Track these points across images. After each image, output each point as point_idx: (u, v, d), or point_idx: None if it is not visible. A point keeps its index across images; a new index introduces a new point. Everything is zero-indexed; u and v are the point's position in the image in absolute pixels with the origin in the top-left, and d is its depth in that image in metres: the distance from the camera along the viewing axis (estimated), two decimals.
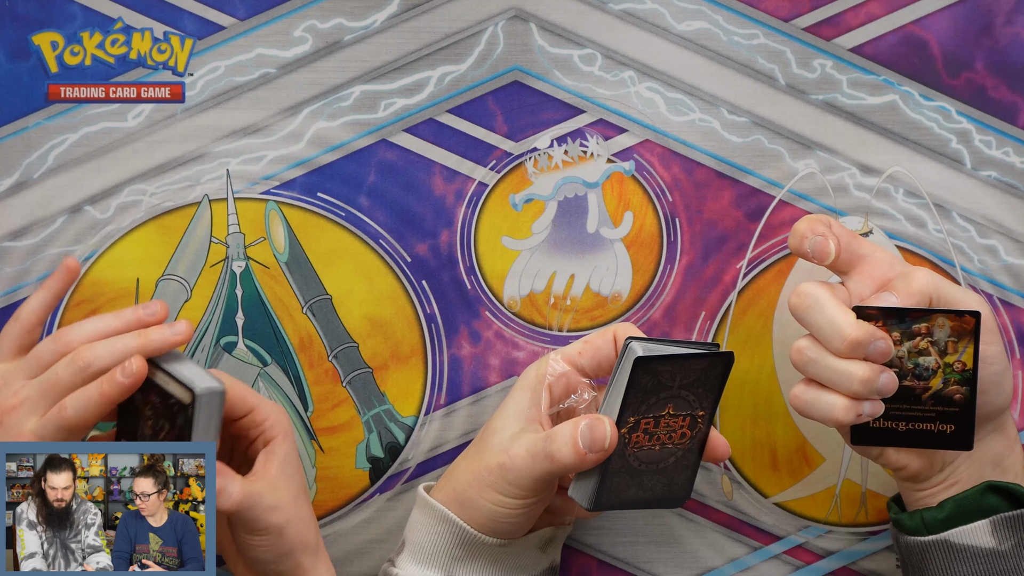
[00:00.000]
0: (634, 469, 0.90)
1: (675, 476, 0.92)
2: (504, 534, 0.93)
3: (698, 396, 0.90)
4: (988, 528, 0.92)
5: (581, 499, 0.91)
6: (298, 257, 1.03)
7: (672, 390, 0.89)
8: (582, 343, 0.95)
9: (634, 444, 0.89)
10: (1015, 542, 0.92)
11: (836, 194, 1.04)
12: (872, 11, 1.03)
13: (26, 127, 1.02)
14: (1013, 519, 0.92)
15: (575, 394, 0.94)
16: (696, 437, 0.91)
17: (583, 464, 0.89)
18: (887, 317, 0.90)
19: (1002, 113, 1.04)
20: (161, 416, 0.89)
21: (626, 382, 0.88)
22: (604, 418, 0.89)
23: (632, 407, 0.89)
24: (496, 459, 0.91)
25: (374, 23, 1.03)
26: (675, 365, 0.89)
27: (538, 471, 0.90)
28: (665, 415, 0.89)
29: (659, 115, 1.04)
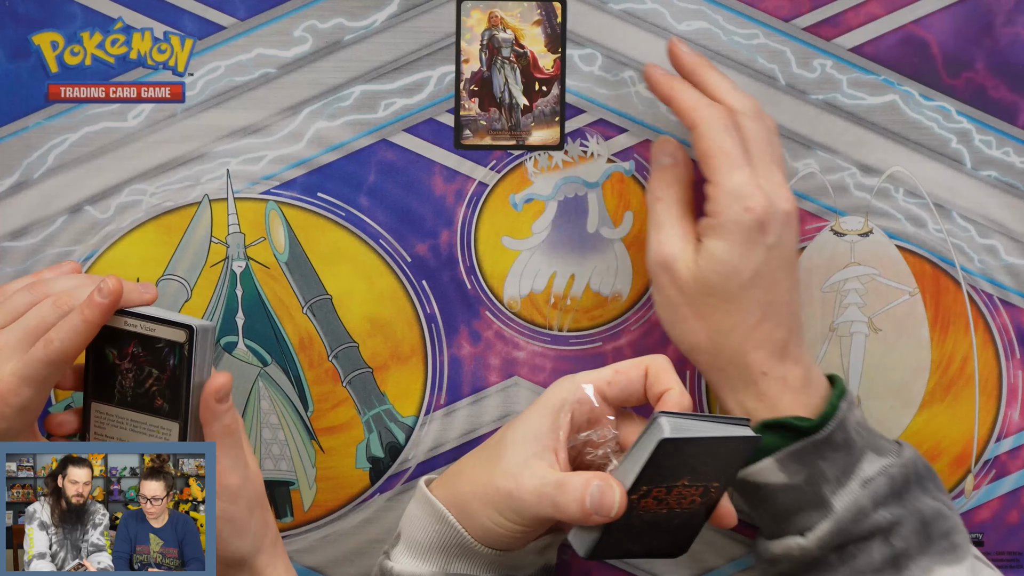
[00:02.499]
0: (637, 528, 0.90)
1: (678, 535, 0.92)
2: (501, 547, 0.93)
3: (716, 470, 0.89)
4: (775, 465, 0.93)
5: (579, 547, 0.90)
6: (298, 257, 1.03)
7: (692, 467, 0.88)
8: (613, 371, 0.93)
9: (641, 508, 0.89)
10: (806, 474, 0.93)
11: (836, 194, 1.04)
12: (872, 11, 1.03)
13: (26, 127, 1.02)
14: (795, 452, 0.93)
15: (596, 429, 0.92)
16: (706, 502, 0.90)
17: (586, 522, 0.88)
18: None
19: (1002, 113, 1.04)
20: (146, 364, 0.89)
21: (647, 457, 0.87)
22: (616, 485, 0.87)
23: (648, 478, 0.88)
24: (504, 483, 0.90)
25: (374, 23, 1.03)
26: (702, 448, 0.87)
27: (542, 512, 0.89)
28: (679, 485, 0.88)
29: (659, 115, 1.04)
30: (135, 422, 0.91)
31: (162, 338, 0.89)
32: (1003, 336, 1.05)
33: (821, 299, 1.04)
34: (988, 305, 1.05)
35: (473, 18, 1.03)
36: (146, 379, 0.90)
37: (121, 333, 0.89)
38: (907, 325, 1.05)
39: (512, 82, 1.03)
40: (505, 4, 1.03)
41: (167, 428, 0.90)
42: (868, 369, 1.04)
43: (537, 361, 1.04)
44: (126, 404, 0.91)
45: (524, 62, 1.03)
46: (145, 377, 0.90)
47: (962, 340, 1.05)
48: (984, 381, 1.05)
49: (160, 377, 0.89)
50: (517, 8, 1.03)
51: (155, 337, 0.89)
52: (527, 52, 1.03)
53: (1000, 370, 1.05)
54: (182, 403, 0.89)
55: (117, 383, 0.90)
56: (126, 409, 0.91)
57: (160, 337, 0.89)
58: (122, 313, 0.89)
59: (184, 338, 0.88)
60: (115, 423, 0.91)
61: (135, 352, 0.90)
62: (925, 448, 1.04)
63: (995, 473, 1.05)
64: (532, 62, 1.03)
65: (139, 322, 0.89)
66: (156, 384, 0.89)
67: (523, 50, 1.03)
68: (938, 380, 1.05)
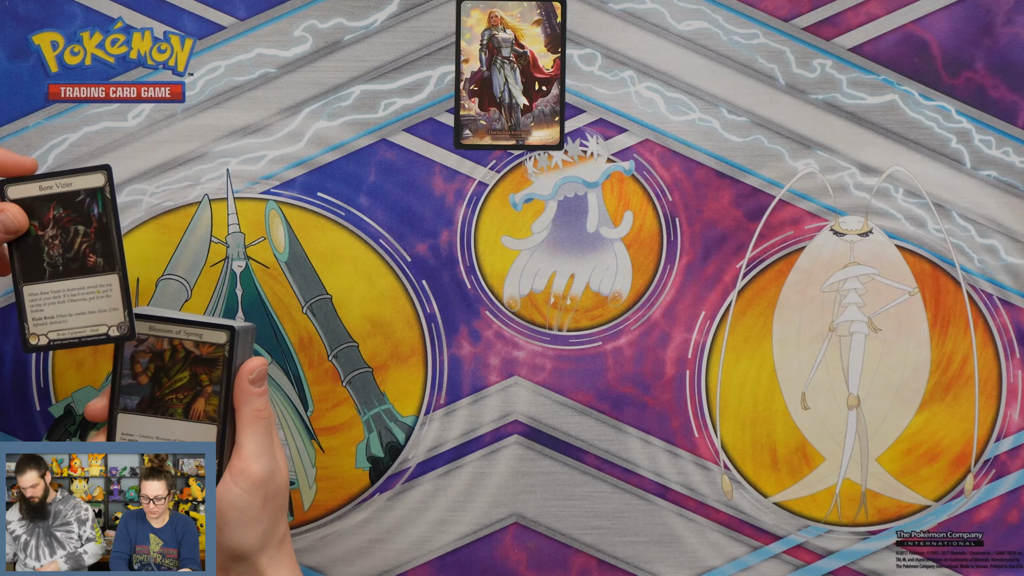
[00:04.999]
0: None
1: None
2: None
3: None
4: None
5: None
6: (298, 257, 1.03)
7: None
8: None
9: None
10: None
11: (836, 194, 1.04)
12: (872, 11, 1.03)
13: (26, 127, 1.02)
14: None
15: None
16: None
17: None
18: None
19: (1002, 113, 1.04)
20: (71, 223, 0.87)
21: None
22: None
23: None
24: None
25: (374, 23, 1.03)
26: None
27: None
28: None
29: (659, 115, 1.04)
30: (72, 290, 0.89)
31: (80, 188, 0.86)
32: (1003, 336, 1.05)
33: (821, 299, 1.04)
34: (988, 305, 1.05)
35: (473, 18, 1.03)
36: (74, 239, 0.88)
37: (38, 200, 0.87)
38: (907, 325, 1.05)
39: (512, 82, 1.03)
40: (505, 4, 1.03)
41: (107, 283, 0.88)
42: (868, 369, 1.05)
43: (537, 361, 1.04)
44: (58, 275, 0.89)
45: (524, 62, 1.03)
46: (72, 237, 0.87)
47: (962, 340, 1.05)
48: (984, 381, 1.05)
49: (88, 232, 0.87)
50: (517, 8, 1.03)
51: (73, 191, 0.87)
52: (527, 52, 1.03)
53: (1000, 370, 1.05)
54: (114, 250, 0.87)
55: (45, 256, 0.88)
56: (60, 280, 0.88)
57: (78, 189, 0.87)
58: (35, 178, 0.87)
59: (103, 181, 0.86)
60: (51, 299, 0.89)
61: (56, 216, 0.87)
62: (925, 448, 1.05)
63: (995, 473, 1.05)
64: (532, 62, 1.03)
65: (53, 181, 0.87)
66: (85, 240, 0.87)
67: (523, 50, 1.03)
68: (938, 380, 1.05)
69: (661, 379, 1.04)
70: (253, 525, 0.90)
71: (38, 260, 0.88)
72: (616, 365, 1.04)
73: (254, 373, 0.91)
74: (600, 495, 1.04)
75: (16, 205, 0.88)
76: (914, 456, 1.05)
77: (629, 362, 1.04)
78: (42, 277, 0.89)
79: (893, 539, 1.05)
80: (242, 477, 0.90)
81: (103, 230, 0.88)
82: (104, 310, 0.89)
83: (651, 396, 1.04)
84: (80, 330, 0.89)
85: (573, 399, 1.04)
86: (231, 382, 0.91)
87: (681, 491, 1.04)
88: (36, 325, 0.89)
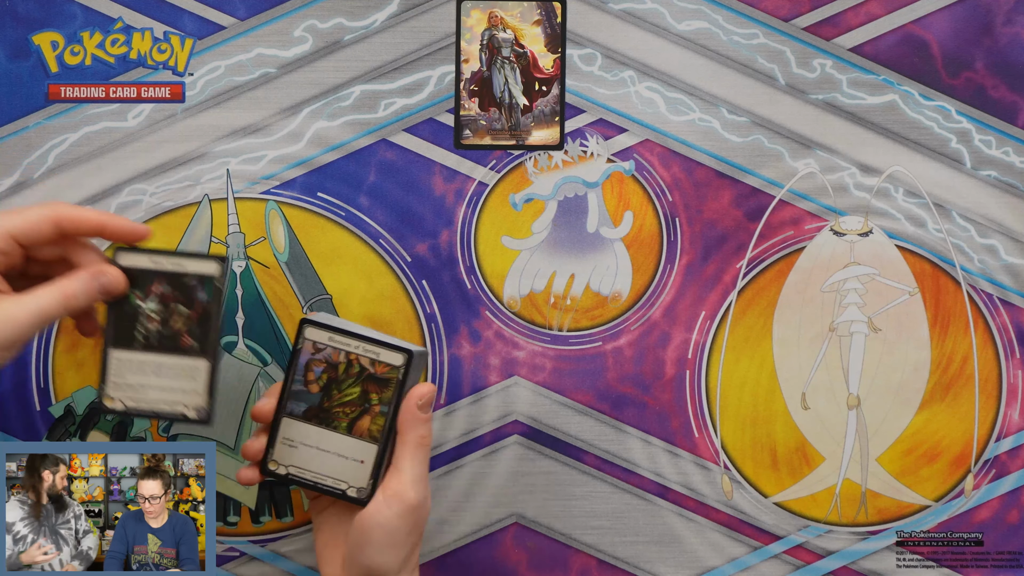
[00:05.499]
0: None
1: None
2: None
3: None
4: None
5: None
6: (298, 257, 1.03)
7: None
8: None
9: None
10: None
11: (836, 194, 1.04)
12: (872, 11, 1.03)
13: (26, 127, 1.02)
14: None
15: None
16: None
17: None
18: None
19: (1002, 113, 1.04)
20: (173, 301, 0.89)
21: None
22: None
23: None
24: None
25: (374, 23, 1.03)
26: None
27: None
28: None
29: (659, 115, 1.04)
30: (159, 364, 0.90)
31: (192, 273, 0.88)
32: (1003, 336, 1.05)
33: (821, 299, 1.04)
34: (988, 305, 1.05)
35: (473, 18, 1.03)
36: (173, 318, 0.89)
37: (147, 273, 0.88)
38: (907, 325, 1.05)
39: (512, 82, 1.03)
40: (505, 4, 1.03)
41: (194, 367, 0.89)
42: (868, 369, 1.05)
43: (537, 361, 1.04)
44: (149, 347, 0.90)
45: (524, 62, 1.03)
46: (172, 316, 0.89)
47: (962, 340, 1.05)
48: (984, 381, 1.05)
49: (189, 315, 0.89)
50: (517, 8, 1.03)
51: (184, 273, 0.88)
52: (527, 52, 1.03)
53: (1000, 370, 1.05)
54: (211, 339, 0.89)
55: (140, 326, 0.89)
56: (149, 352, 0.90)
57: (190, 272, 0.88)
58: (149, 252, 0.89)
59: (217, 271, 0.87)
60: (136, 368, 0.90)
61: (161, 291, 0.89)
62: (925, 448, 1.05)
63: (995, 473, 1.05)
64: (532, 62, 1.03)
65: (166, 259, 0.88)
66: (184, 322, 0.89)
67: (523, 50, 1.03)
68: (938, 380, 1.05)
69: (661, 379, 1.04)
70: (397, 549, 0.90)
71: (132, 328, 0.90)
72: (616, 365, 1.04)
73: (423, 399, 0.91)
74: (600, 495, 1.04)
75: (119, 270, 0.89)
76: (914, 456, 1.05)
77: (629, 362, 1.04)
78: (132, 345, 0.90)
79: (893, 539, 1.05)
80: (396, 500, 0.90)
81: (205, 316, 0.89)
82: (186, 391, 0.90)
83: (651, 396, 1.04)
84: (157, 404, 0.90)
85: (573, 399, 1.04)
86: (399, 404, 0.91)
87: (681, 491, 1.04)
88: (114, 388, 0.90)
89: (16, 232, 0.85)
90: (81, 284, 0.87)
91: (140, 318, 0.89)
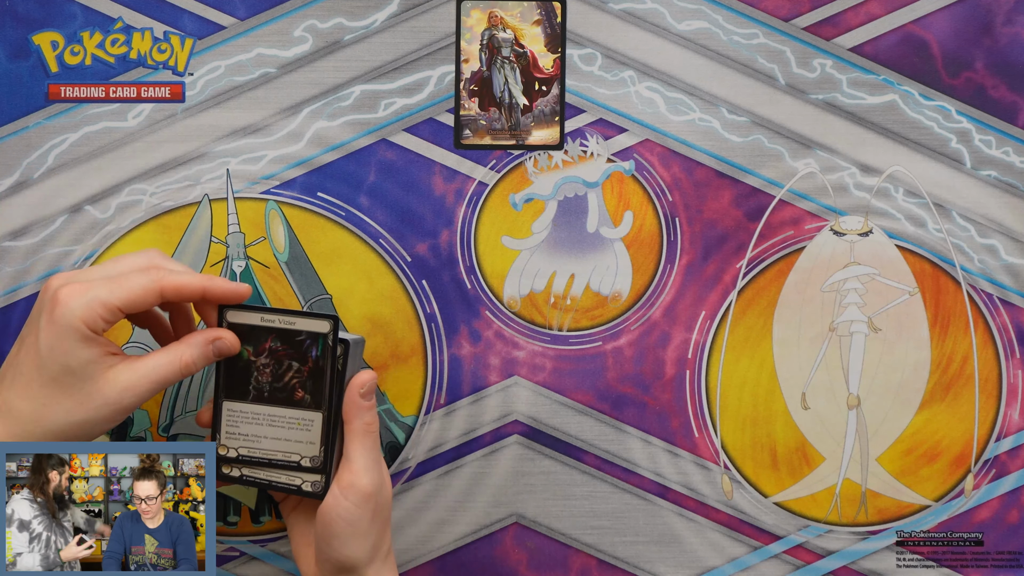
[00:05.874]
0: None
1: None
2: None
3: None
4: None
5: None
6: (298, 257, 1.03)
7: None
8: None
9: None
10: None
11: (836, 194, 1.04)
12: (872, 11, 1.03)
13: (26, 127, 1.02)
14: None
15: None
16: None
17: None
18: None
19: (1002, 113, 1.04)
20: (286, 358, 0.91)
21: None
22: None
23: None
24: None
25: (374, 23, 1.03)
26: None
27: None
28: None
29: (659, 115, 1.04)
30: (273, 416, 0.91)
31: (303, 330, 0.90)
32: (1003, 336, 1.05)
33: (821, 299, 1.04)
34: (988, 305, 1.05)
35: (473, 18, 1.03)
36: (285, 372, 0.90)
37: (258, 330, 0.91)
38: (907, 325, 1.05)
39: (512, 82, 1.03)
40: (505, 4, 1.03)
41: (309, 419, 0.91)
42: (868, 369, 1.05)
43: (537, 361, 1.04)
44: (262, 399, 0.91)
45: (524, 62, 1.03)
46: (285, 371, 0.90)
47: (962, 340, 1.05)
48: (984, 381, 1.05)
49: (301, 369, 0.90)
50: (517, 8, 1.03)
51: (295, 330, 0.90)
52: (527, 52, 1.03)
53: (1000, 370, 1.05)
54: (325, 393, 0.90)
55: (253, 380, 0.91)
56: (262, 404, 0.91)
57: (301, 330, 0.90)
58: (258, 309, 0.91)
59: (328, 328, 0.90)
60: (250, 419, 0.91)
61: (272, 347, 0.90)
62: (925, 448, 1.05)
63: (995, 473, 1.05)
64: (532, 62, 1.03)
65: (277, 316, 0.90)
66: (297, 377, 0.90)
67: (523, 50, 1.03)
68: (938, 380, 1.05)
69: (661, 379, 1.04)
70: (362, 538, 0.91)
71: (245, 382, 0.91)
72: (616, 365, 1.04)
73: (365, 387, 0.92)
74: (600, 495, 1.04)
75: (232, 333, 0.91)
76: (914, 456, 1.05)
77: (629, 362, 1.04)
78: (245, 398, 0.92)
79: (893, 539, 1.05)
80: (352, 491, 0.90)
81: (317, 371, 0.91)
82: (301, 441, 0.92)
83: (651, 396, 1.04)
84: (272, 453, 0.92)
85: (573, 399, 1.04)
86: (342, 395, 0.91)
87: (681, 491, 1.04)
88: (228, 438, 0.92)
89: (121, 304, 0.86)
90: (198, 351, 0.89)
91: (253, 372, 0.91)
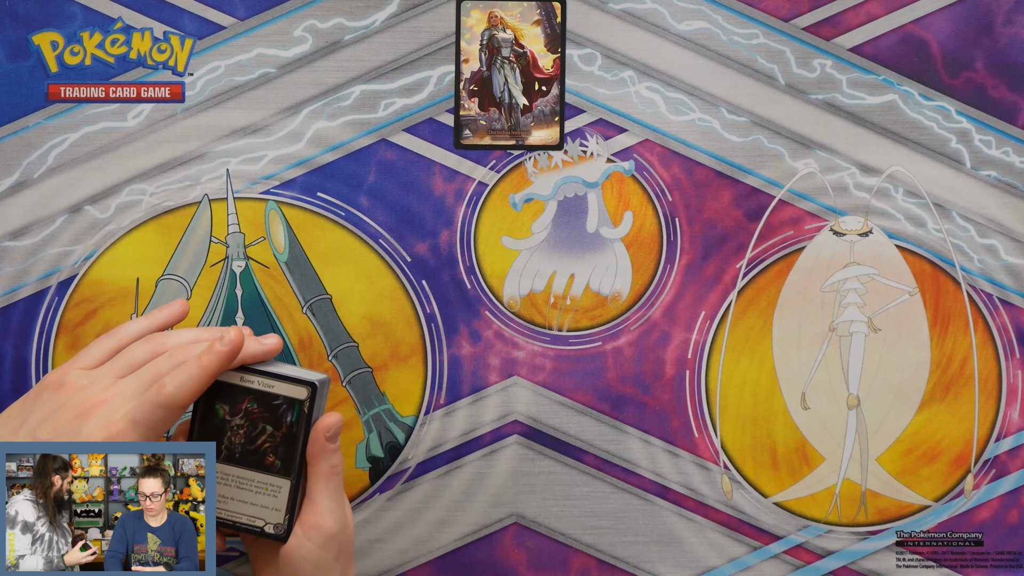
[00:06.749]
0: None
1: None
2: None
3: None
4: None
5: None
6: (298, 257, 1.03)
7: None
8: None
9: None
10: None
11: (836, 194, 1.04)
12: (872, 11, 1.03)
13: (26, 127, 1.02)
14: None
15: None
16: None
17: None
18: None
19: (1002, 113, 1.04)
20: (260, 421, 0.90)
21: None
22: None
23: None
24: None
25: (374, 23, 1.03)
26: None
27: None
28: None
29: (659, 115, 1.04)
30: (241, 478, 0.91)
31: (281, 395, 0.90)
32: (1003, 336, 1.05)
33: (821, 299, 1.04)
34: (988, 305, 1.05)
35: (473, 18, 1.03)
36: (259, 436, 0.90)
37: (236, 389, 0.90)
38: (907, 325, 1.05)
39: (512, 82, 1.03)
40: (505, 4, 1.03)
41: (277, 485, 0.91)
42: (868, 369, 1.05)
43: (537, 361, 1.04)
44: (233, 460, 0.91)
45: (524, 62, 1.03)
46: (258, 434, 0.90)
47: (962, 340, 1.05)
48: (984, 381, 1.05)
49: (275, 434, 0.90)
50: (517, 8, 1.03)
51: (273, 394, 0.90)
52: (527, 52, 1.03)
53: (1000, 370, 1.05)
54: (296, 460, 0.90)
55: (226, 439, 0.91)
56: (233, 465, 0.91)
57: (279, 394, 0.90)
58: (239, 369, 0.90)
59: (306, 395, 0.89)
60: (219, 479, 0.91)
61: (249, 408, 0.90)
62: (925, 448, 1.05)
63: (995, 473, 1.05)
64: (532, 62, 1.03)
65: (257, 378, 0.90)
66: (269, 441, 0.90)
67: (523, 50, 1.03)
68: (938, 380, 1.05)
69: (661, 379, 1.04)
70: None
71: (219, 441, 0.91)
72: (616, 365, 1.04)
73: (331, 430, 0.92)
74: (600, 495, 1.04)
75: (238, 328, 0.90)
76: (914, 456, 1.05)
77: (629, 362, 1.04)
78: (217, 457, 0.91)
79: (893, 539, 1.05)
80: (316, 532, 0.91)
81: (290, 438, 0.91)
82: (267, 507, 0.92)
83: (651, 396, 1.04)
84: (237, 515, 0.92)
85: (573, 399, 1.04)
86: (307, 437, 0.91)
87: (681, 491, 1.04)
88: None
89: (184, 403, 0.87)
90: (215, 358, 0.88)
91: (227, 431, 0.91)
